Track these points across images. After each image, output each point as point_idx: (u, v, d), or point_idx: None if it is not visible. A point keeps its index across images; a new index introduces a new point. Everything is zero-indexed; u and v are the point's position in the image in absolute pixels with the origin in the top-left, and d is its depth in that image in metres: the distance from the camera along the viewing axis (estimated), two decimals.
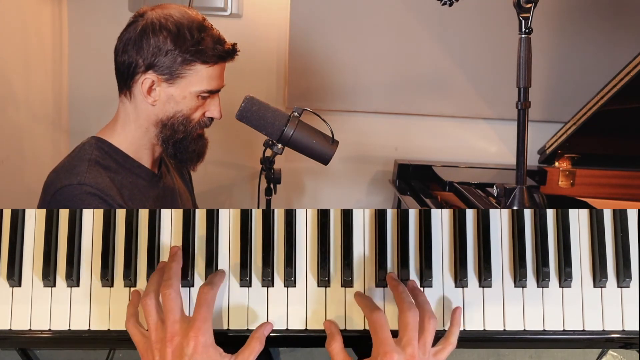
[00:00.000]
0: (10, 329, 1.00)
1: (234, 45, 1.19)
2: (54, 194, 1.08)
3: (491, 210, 1.04)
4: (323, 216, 1.02)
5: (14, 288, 1.01)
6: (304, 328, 0.99)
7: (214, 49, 1.14)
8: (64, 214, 1.03)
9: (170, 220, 1.03)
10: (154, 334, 0.90)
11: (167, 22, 1.12)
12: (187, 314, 0.96)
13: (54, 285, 1.01)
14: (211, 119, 1.23)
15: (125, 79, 1.17)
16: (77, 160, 1.14)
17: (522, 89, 1.10)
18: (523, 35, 1.08)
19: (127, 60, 1.15)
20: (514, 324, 1.01)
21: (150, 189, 1.24)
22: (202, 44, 1.13)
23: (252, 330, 0.98)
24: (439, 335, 0.97)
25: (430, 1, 1.15)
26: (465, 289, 1.01)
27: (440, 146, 2.13)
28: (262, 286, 1.01)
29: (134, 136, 1.21)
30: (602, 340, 1.02)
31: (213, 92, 1.19)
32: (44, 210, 1.03)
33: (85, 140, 1.20)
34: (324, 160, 1.25)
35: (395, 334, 0.92)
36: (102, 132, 1.22)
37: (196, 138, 1.22)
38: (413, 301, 0.94)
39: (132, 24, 1.15)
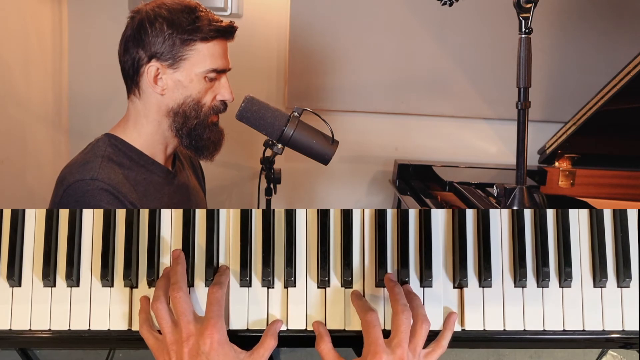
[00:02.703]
0: (10, 329, 1.00)
1: (231, 22, 1.20)
2: (67, 188, 1.09)
3: (491, 210, 1.04)
4: (323, 216, 1.02)
5: (14, 288, 1.01)
6: (304, 328, 0.99)
7: (210, 25, 1.15)
8: (64, 214, 1.03)
9: (170, 220, 1.03)
10: (169, 336, 0.91)
11: (160, 10, 1.14)
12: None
13: (54, 285, 1.01)
14: (224, 104, 1.23)
15: (132, 76, 1.18)
16: (91, 156, 1.14)
17: (522, 89, 1.10)
18: (523, 35, 1.08)
19: (130, 58, 1.16)
20: (514, 324, 1.01)
21: (165, 185, 1.24)
22: (198, 22, 1.15)
23: (252, 330, 0.98)
24: (434, 337, 0.97)
25: (430, 1, 1.15)
26: (465, 289, 1.01)
27: (440, 146, 2.13)
28: (262, 286, 1.01)
29: (146, 132, 1.21)
30: (602, 340, 1.02)
31: (219, 72, 1.19)
32: (44, 210, 1.03)
33: (99, 137, 1.21)
34: (324, 160, 1.25)
35: (389, 334, 0.93)
36: (115, 129, 1.22)
37: (210, 125, 1.22)
38: (407, 304, 0.95)
39: (129, 24, 1.17)
